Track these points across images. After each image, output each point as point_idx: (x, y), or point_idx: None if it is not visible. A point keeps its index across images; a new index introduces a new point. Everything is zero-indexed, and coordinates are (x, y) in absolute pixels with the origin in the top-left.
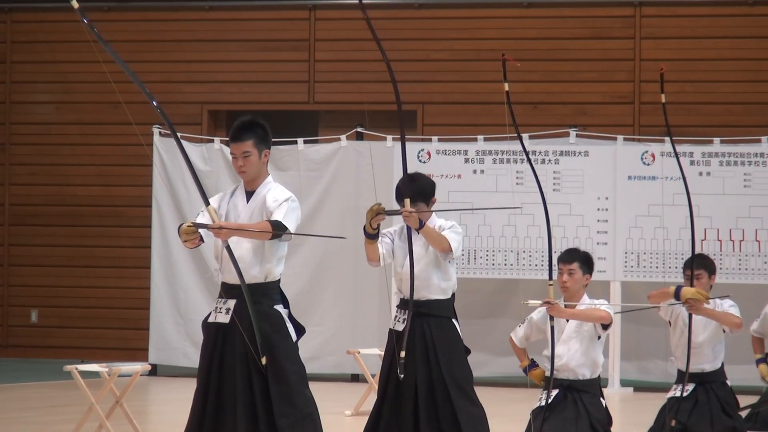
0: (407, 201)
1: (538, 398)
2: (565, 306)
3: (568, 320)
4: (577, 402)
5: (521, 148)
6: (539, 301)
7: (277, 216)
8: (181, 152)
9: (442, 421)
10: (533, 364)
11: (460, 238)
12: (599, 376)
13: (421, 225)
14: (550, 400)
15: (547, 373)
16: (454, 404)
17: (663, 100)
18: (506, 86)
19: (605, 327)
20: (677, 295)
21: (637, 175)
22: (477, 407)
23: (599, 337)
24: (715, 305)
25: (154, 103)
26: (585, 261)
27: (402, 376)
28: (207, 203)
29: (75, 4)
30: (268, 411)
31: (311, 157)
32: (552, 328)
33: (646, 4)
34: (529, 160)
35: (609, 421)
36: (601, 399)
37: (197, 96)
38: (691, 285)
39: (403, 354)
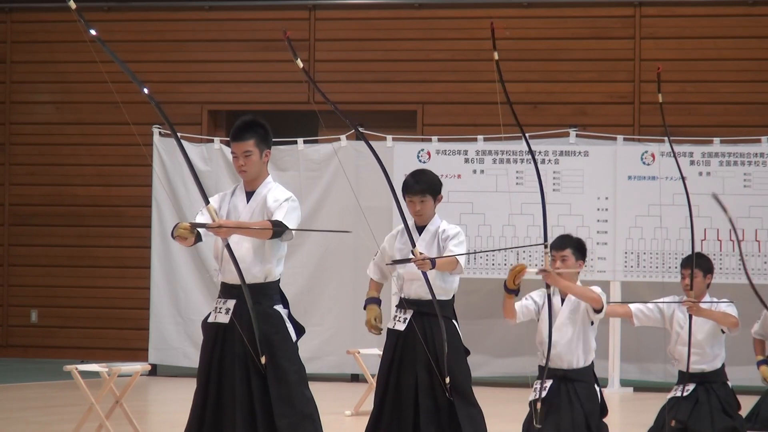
0: (416, 250)
1: (533, 389)
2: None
3: (562, 303)
4: (571, 395)
5: (521, 148)
6: (536, 269)
7: (278, 216)
8: (181, 151)
9: (442, 421)
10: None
11: (463, 249)
12: (593, 362)
13: (433, 264)
14: (545, 393)
15: (541, 363)
16: (454, 405)
17: (660, 100)
18: (495, 55)
19: (597, 311)
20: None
21: (637, 175)
22: (475, 408)
23: (592, 323)
24: (712, 305)
25: (152, 99)
26: (578, 247)
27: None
28: (207, 202)
29: (72, 5)
30: (268, 411)
31: (311, 157)
32: (549, 314)
33: (646, 4)
34: (533, 155)
35: (604, 408)
36: (596, 386)
37: (197, 96)
38: (691, 284)
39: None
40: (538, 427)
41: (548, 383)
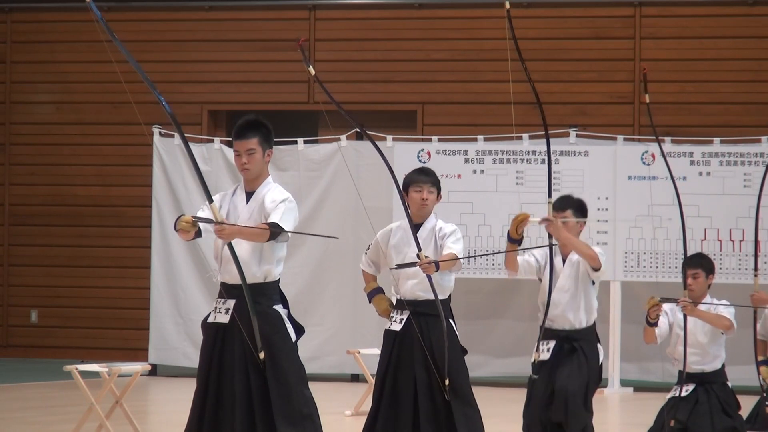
0: (422, 254)
1: (535, 349)
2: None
3: (564, 263)
4: (574, 350)
5: (521, 148)
6: (538, 219)
7: (274, 217)
8: (186, 149)
9: (440, 421)
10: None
11: (461, 246)
12: (595, 323)
13: (437, 267)
14: (548, 355)
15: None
16: (450, 404)
17: (647, 101)
18: (507, 4)
19: (595, 270)
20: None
21: (637, 175)
22: (472, 408)
23: (593, 283)
24: (711, 307)
25: (164, 103)
26: (579, 208)
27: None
28: (210, 200)
29: None
30: (267, 411)
31: (311, 157)
32: (550, 270)
33: (646, 4)
34: (549, 154)
35: (599, 370)
36: (598, 345)
37: (197, 96)
38: (684, 285)
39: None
40: (536, 377)
41: (551, 344)
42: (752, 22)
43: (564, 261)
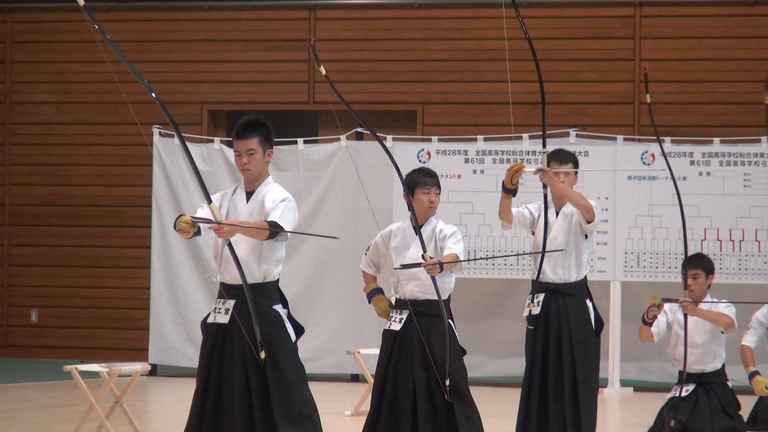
0: (426, 254)
1: (527, 303)
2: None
3: (557, 216)
4: (560, 310)
5: (521, 148)
6: (533, 168)
7: (274, 216)
8: (184, 149)
9: (439, 421)
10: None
11: (462, 247)
12: (585, 277)
13: (441, 268)
14: (538, 308)
15: (533, 277)
16: (451, 404)
17: (648, 101)
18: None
19: (588, 222)
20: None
21: (637, 175)
22: (472, 407)
23: (586, 237)
24: (711, 306)
25: (161, 104)
26: (576, 163)
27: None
28: (209, 201)
29: (81, 1)
30: (267, 411)
31: (311, 157)
32: (545, 222)
33: (646, 4)
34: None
35: (598, 321)
36: (587, 301)
37: (197, 96)
38: (684, 284)
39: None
40: (531, 327)
41: (541, 297)
42: (752, 22)
43: (558, 214)
